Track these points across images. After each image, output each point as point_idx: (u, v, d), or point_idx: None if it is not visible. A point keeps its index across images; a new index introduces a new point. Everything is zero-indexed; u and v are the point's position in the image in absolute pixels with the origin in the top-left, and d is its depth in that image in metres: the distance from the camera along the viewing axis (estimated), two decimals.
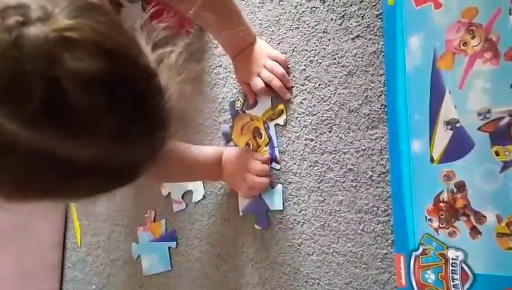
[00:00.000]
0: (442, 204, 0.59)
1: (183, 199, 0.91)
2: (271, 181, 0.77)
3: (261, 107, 0.79)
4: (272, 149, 0.77)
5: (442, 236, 0.59)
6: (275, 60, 0.76)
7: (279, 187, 0.76)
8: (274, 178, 0.77)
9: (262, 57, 0.77)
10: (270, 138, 0.78)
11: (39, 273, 1.14)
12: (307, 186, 0.73)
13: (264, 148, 0.78)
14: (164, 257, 0.94)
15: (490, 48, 0.56)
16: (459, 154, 0.58)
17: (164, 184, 0.94)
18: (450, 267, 0.58)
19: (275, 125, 0.77)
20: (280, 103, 0.77)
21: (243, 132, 0.81)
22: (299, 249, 0.73)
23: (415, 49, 0.61)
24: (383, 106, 0.66)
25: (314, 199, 0.72)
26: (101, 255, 1.10)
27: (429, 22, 0.60)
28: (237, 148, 0.82)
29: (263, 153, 0.78)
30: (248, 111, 0.81)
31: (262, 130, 0.79)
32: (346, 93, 0.70)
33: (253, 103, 0.80)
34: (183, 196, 0.91)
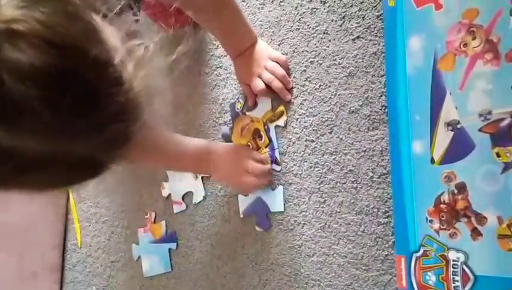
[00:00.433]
0: (443, 205, 0.59)
1: (183, 200, 0.91)
2: (271, 181, 0.77)
3: (261, 108, 0.79)
4: (272, 150, 0.77)
5: (443, 237, 0.59)
6: (276, 61, 0.76)
7: (279, 188, 0.76)
8: (274, 179, 0.77)
9: (263, 58, 0.77)
10: (270, 139, 0.78)
11: (39, 274, 1.14)
12: (308, 188, 0.73)
13: (265, 150, 0.78)
14: (164, 258, 0.94)
15: (491, 49, 0.56)
16: (460, 155, 0.57)
17: (164, 185, 0.94)
18: (451, 269, 0.58)
19: (275, 127, 0.77)
20: (280, 104, 0.77)
21: (243, 134, 0.81)
22: (299, 250, 0.73)
23: (415, 50, 0.61)
24: (384, 107, 0.66)
25: (314, 200, 0.72)
26: (101, 256, 1.10)
27: (430, 23, 0.60)
28: (224, 145, 0.82)
29: (263, 154, 0.78)
30: (248, 113, 0.81)
31: (263, 132, 0.79)
32: (347, 94, 0.69)
33: (253, 104, 0.80)
34: (183, 197, 0.91)
